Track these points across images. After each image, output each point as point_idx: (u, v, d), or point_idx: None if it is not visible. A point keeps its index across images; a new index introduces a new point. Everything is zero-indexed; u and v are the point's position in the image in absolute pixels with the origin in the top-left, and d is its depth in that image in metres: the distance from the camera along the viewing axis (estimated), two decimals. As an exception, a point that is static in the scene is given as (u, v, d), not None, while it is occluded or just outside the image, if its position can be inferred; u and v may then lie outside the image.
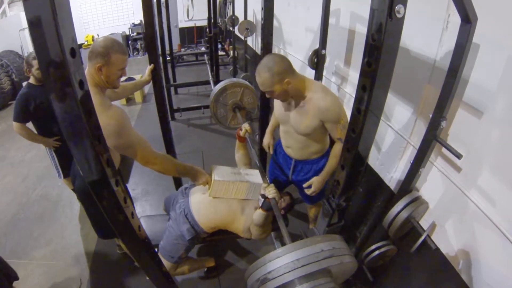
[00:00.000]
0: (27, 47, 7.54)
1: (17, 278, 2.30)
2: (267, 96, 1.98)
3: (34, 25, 0.66)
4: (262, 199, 1.89)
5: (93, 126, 0.84)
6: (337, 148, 2.03)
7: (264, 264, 1.12)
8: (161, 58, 2.58)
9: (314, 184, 2.15)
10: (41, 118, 2.80)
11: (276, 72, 1.79)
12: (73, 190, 3.32)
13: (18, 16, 7.58)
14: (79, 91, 0.76)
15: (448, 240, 1.64)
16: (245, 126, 2.34)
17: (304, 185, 2.21)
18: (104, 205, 1.00)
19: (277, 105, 2.19)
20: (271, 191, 1.83)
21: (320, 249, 1.10)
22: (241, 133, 2.35)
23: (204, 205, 2.12)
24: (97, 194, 0.96)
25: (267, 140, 2.55)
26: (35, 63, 2.67)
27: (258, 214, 1.94)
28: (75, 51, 0.73)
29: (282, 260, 1.09)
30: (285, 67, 1.83)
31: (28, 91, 2.70)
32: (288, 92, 1.89)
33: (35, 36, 0.68)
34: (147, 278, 2.52)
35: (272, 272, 1.08)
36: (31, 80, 2.75)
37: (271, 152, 2.55)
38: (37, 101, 2.69)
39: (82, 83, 0.77)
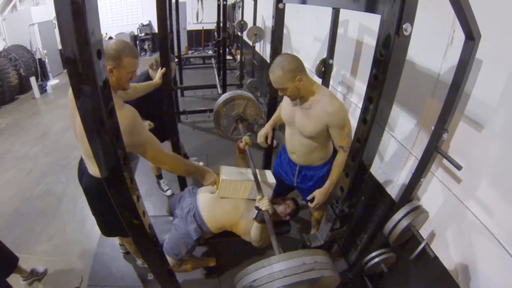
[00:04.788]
0: (36, 42, 7.59)
1: (16, 259, 2.40)
2: (279, 93, 2.05)
3: (64, 27, 0.70)
4: (256, 211, 1.94)
5: (113, 124, 0.89)
6: (340, 158, 2.06)
7: (250, 273, 1.21)
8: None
9: (316, 196, 2.19)
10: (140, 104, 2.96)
11: (288, 70, 1.88)
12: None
13: (28, 11, 7.63)
14: (103, 90, 0.81)
15: (447, 249, 1.67)
16: (245, 138, 2.40)
17: (308, 198, 2.26)
18: (117, 202, 1.03)
19: (284, 107, 2.25)
20: (264, 204, 1.88)
21: (302, 262, 1.19)
22: (242, 145, 2.39)
23: (212, 205, 2.16)
24: (111, 190, 1.00)
25: (264, 130, 2.53)
26: (156, 67, 3.02)
27: (254, 228, 2.00)
28: (101, 53, 0.78)
29: (266, 270, 1.18)
30: (297, 66, 1.92)
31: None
32: (299, 90, 1.96)
33: (65, 38, 0.72)
34: (149, 278, 2.60)
35: (256, 280, 1.18)
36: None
37: (267, 143, 2.54)
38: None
39: (106, 83, 0.82)
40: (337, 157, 2.11)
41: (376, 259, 1.96)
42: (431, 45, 1.74)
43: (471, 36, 1.28)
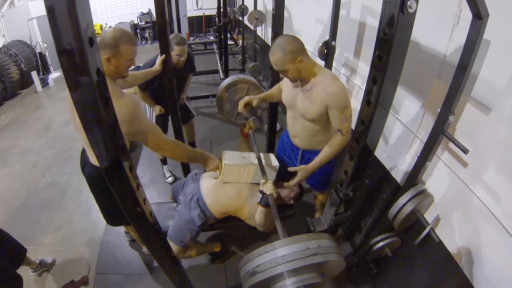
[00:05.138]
0: (36, 36, 7.55)
1: (24, 251, 2.42)
2: (281, 76, 2.01)
3: (53, 15, 0.67)
4: (261, 195, 1.93)
5: (109, 113, 0.87)
6: (336, 140, 1.99)
7: (253, 258, 1.20)
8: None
9: (301, 171, 2.08)
10: (157, 91, 3.17)
11: (288, 51, 1.82)
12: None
13: (26, 6, 7.56)
14: (96, 79, 0.78)
15: (451, 234, 1.66)
16: (249, 122, 2.35)
17: (290, 169, 2.17)
18: (117, 191, 1.02)
19: (285, 90, 2.21)
20: (268, 188, 1.85)
21: (305, 247, 1.16)
22: (245, 129, 2.37)
23: (215, 190, 2.16)
24: (111, 180, 0.98)
25: (249, 96, 2.40)
26: (175, 48, 2.89)
27: (259, 212, 1.98)
28: (93, 40, 0.75)
29: (269, 255, 1.17)
30: (298, 46, 1.86)
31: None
32: (301, 72, 1.91)
33: (54, 26, 0.69)
34: (156, 264, 2.61)
35: (260, 266, 1.17)
36: None
37: (252, 104, 2.41)
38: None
39: (99, 71, 0.79)
40: (333, 139, 2.02)
41: (381, 243, 1.96)
42: (437, 25, 1.68)
43: (479, 16, 1.23)
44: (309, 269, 1.15)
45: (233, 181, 2.15)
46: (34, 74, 6.95)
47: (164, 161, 3.81)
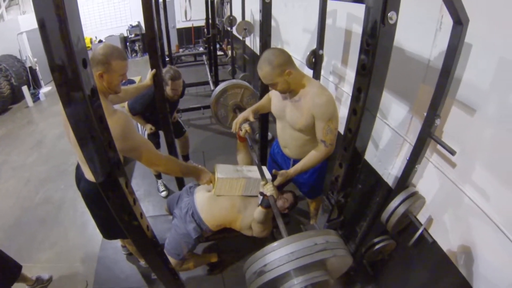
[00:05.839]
0: (25, 51, 7.52)
1: (19, 268, 2.39)
2: (270, 88, 2.04)
3: (47, 39, 0.70)
4: (261, 197, 1.94)
5: (104, 131, 0.89)
6: (319, 150, 2.02)
7: (260, 257, 1.17)
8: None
9: (281, 176, 2.06)
10: (149, 113, 3.23)
11: (276, 64, 1.85)
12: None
13: (16, 20, 7.53)
14: (91, 99, 0.80)
15: (444, 234, 1.69)
16: (245, 126, 2.37)
17: (273, 172, 2.14)
18: (114, 206, 1.04)
19: (274, 102, 2.23)
20: (269, 189, 1.88)
21: (314, 242, 1.14)
22: (241, 133, 2.38)
23: (209, 203, 2.17)
24: (107, 195, 1.00)
25: (241, 115, 2.39)
26: (170, 83, 3.00)
27: (258, 212, 1.99)
28: (86, 62, 0.78)
29: (277, 253, 1.14)
30: (285, 59, 1.88)
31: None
32: (289, 84, 1.93)
33: (48, 49, 0.71)
34: (153, 277, 2.61)
35: (267, 265, 1.14)
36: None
37: (246, 128, 2.40)
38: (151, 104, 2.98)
39: (93, 91, 0.82)
40: (316, 149, 2.04)
41: (376, 247, 1.98)
42: (420, 31, 1.73)
43: (459, 21, 1.27)
44: (317, 266, 1.14)
45: (226, 194, 2.17)
46: (24, 89, 6.91)
47: (158, 176, 3.81)
